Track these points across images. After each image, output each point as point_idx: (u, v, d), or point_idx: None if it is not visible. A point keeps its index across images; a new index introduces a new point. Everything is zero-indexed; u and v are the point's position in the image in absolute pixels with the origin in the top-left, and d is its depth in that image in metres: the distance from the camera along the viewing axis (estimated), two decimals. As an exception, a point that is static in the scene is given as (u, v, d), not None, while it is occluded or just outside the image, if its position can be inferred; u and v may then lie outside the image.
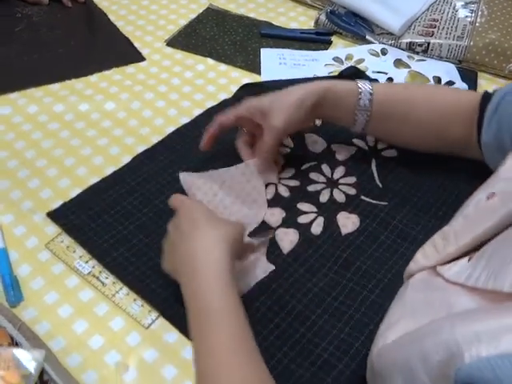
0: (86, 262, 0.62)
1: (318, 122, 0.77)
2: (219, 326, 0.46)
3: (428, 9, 0.97)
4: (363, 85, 0.66)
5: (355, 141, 0.74)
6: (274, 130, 0.65)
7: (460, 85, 0.85)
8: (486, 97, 0.63)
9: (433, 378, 0.34)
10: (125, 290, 0.59)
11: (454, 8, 0.96)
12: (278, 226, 0.65)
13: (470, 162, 0.67)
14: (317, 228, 0.65)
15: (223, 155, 0.72)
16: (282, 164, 0.72)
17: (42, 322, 0.56)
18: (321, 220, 0.66)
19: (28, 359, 0.48)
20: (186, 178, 0.68)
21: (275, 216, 0.66)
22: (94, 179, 0.70)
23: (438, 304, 0.40)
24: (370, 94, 0.65)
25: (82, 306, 0.58)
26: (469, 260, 0.41)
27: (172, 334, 0.56)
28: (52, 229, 0.65)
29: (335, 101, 0.66)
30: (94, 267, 0.61)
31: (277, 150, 0.69)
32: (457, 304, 0.39)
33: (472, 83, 0.87)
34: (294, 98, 0.64)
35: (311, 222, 0.65)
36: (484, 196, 0.43)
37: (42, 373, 0.49)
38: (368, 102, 0.65)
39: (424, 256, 0.47)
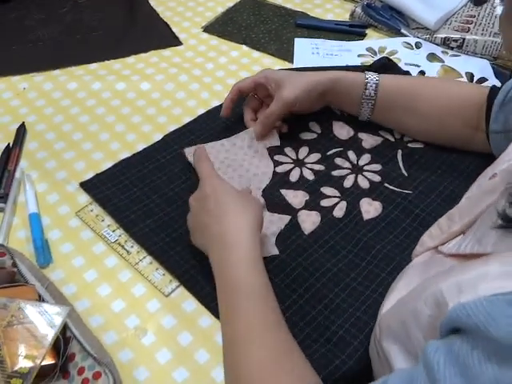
0: (114, 230, 0.64)
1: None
2: (250, 298, 0.49)
3: (466, 4, 0.96)
4: (370, 76, 0.70)
5: (382, 132, 0.74)
6: (282, 100, 0.69)
7: (493, 81, 0.84)
8: (494, 90, 0.66)
9: (426, 333, 0.36)
10: (148, 259, 0.61)
11: (492, 4, 0.95)
12: (301, 208, 0.66)
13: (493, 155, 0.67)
14: (339, 212, 0.66)
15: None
16: (285, 130, 0.75)
17: (68, 283, 0.59)
18: (343, 204, 0.66)
19: (54, 313, 0.50)
20: (191, 151, 0.70)
21: (298, 198, 0.68)
22: (126, 154, 0.73)
23: (433, 273, 0.41)
24: (376, 84, 0.69)
25: (106, 271, 0.60)
26: (463, 234, 0.42)
27: (190, 303, 0.57)
28: (83, 198, 0.68)
29: (343, 90, 0.70)
30: (120, 236, 0.64)
31: (278, 119, 0.73)
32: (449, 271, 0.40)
33: (506, 80, 0.86)
34: (307, 79, 0.70)
35: (334, 206, 0.66)
36: (487, 178, 0.45)
37: (65, 329, 0.52)
38: (373, 92, 0.69)
39: (430, 237, 0.48)
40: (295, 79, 0.70)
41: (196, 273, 0.59)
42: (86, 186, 0.68)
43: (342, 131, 0.75)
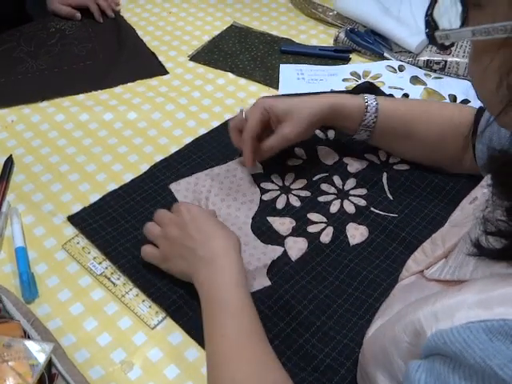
0: (100, 263, 0.64)
1: (331, 136, 0.79)
2: (236, 317, 0.51)
3: (448, 28, 0.98)
4: (370, 102, 0.70)
5: (367, 155, 0.75)
6: (284, 137, 0.69)
7: (476, 102, 0.85)
8: (480, 111, 0.67)
9: (406, 359, 0.37)
10: (134, 291, 0.61)
11: (473, 27, 0.97)
12: (288, 235, 0.67)
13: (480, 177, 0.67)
14: (326, 237, 0.66)
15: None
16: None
17: (54, 318, 0.59)
18: (330, 230, 0.67)
19: (37, 350, 0.50)
20: (175, 187, 0.71)
21: (285, 225, 0.68)
22: (113, 185, 0.73)
23: (414, 299, 0.41)
24: (376, 109, 0.69)
25: (92, 304, 0.60)
26: (445, 259, 0.42)
27: (176, 336, 0.57)
28: (69, 230, 0.68)
29: (343, 116, 0.70)
30: (106, 268, 0.63)
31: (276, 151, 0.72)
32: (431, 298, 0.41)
33: (490, 101, 0.87)
34: (307, 112, 0.68)
35: (321, 232, 0.67)
36: (468, 202, 0.45)
37: (50, 366, 0.52)
38: (372, 121, 0.69)
39: (415, 262, 0.48)
40: (297, 115, 0.68)
41: (183, 303, 0.59)
42: (74, 218, 0.68)
43: (327, 156, 0.75)
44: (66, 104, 0.87)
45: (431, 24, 0.39)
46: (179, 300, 0.59)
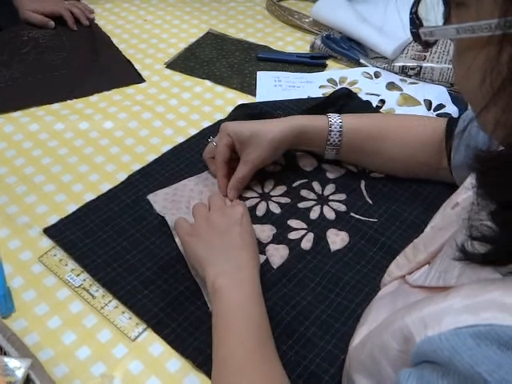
0: (78, 275, 0.63)
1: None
2: (256, 330, 0.52)
3: (421, 34, 0.99)
4: (334, 121, 0.70)
5: (344, 164, 0.75)
6: (251, 163, 0.69)
7: (450, 107, 0.86)
8: (451, 122, 0.67)
9: (396, 367, 0.36)
10: (114, 302, 0.60)
11: None
12: (269, 242, 0.66)
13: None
14: (307, 243, 0.66)
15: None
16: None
17: (31, 332, 0.57)
18: (311, 236, 0.67)
19: (14, 366, 0.49)
20: (153, 198, 0.70)
21: (265, 232, 0.68)
22: (90, 195, 0.72)
23: (400, 305, 0.41)
24: (340, 130, 0.69)
25: (71, 317, 0.59)
26: (429, 264, 0.42)
27: (157, 347, 0.56)
28: (46, 243, 0.66)
29: (308, 138, 0.70)
30: (84, 280, 0.62)
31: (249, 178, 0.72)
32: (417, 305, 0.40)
33: (463, 105, 0.89)
34: (270, 137, 0.68)
35: (301, 238, 0.66)
36: (449, 207, 0.45)
37: (28, 382, 0.50)
38: (337, 139, 0.70)
39: (397, 267, 0.48)
40: (259, 139, 0.68)
41: (165, 316, 0.58)
42: (50, 231, 0.67)
43: (306, 162, 0.75)
44: (41, 113, 0.86)
45: (415, 21, 0.38)
46: (160, 313, 0.58)
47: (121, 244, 0.66)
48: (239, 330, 0.51)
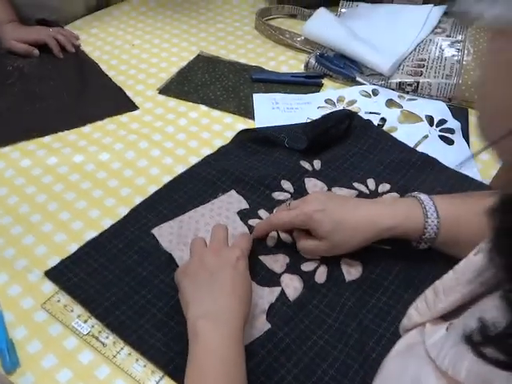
0: (85, 321, 0.59)
1: (318, 166, 0.77)
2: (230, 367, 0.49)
3: (415, 49, 0.99)
4: (430, 220, 0.61)
5: (355, 184, 0.73)
6: (323, 254, 0.64)
7: (452, 122, 0.85)
8: None
9: None
10: (126, 349, 0.57)
11: (440, 47, 0.98)
12: (283, 272, 0.64)
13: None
14: (320, 277, 0.63)
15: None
16: None
17: (40, 388, 0.54)
18: (324, 269, 0.64)
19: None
20: (158, 232, 0.68)
21: (279, 262, 0.65)
22: (91, 233, 0.69)
23: (410, 376, 0.39)
24: (437, 226, 0.61)
25: (81, 369, 0.56)
26: (447, 329, 0.40)
27: (178, 396, 0.53)
28: (48, 287, 0.63)
29: (398, 236, 0.63)
30: (93, 327, 0.59)
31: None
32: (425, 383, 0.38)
33: (464, 120, 0.88)
34: (355, 243, 0.62)
35: (314, 271, 0.64)
36: (473, 252, 0.42)
37: None
38: (433, 233, 0.61)
39: (417, 311, 0.46)
40: (343, 243, 0.61)
41: (181, 361, 0.55)
42: (52, 274, 0.63)
43: (315, 188, 0.73)
44: (31, 147, 0.82)
45: None
46: (176, 357, 0.55)
47: (128, 284, 0.63)
48: (215, 377, 0.48)
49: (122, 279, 0.63)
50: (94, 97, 0.92)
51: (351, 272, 0.64)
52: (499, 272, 0.32)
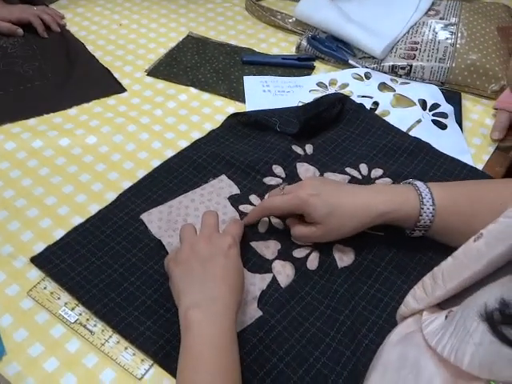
0: (72, 309, 0.58)
1: (309, 151, 0.76)
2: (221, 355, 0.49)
3: (408, 31, 0.97)
4: (426, 207, 0.60)
5: (348, 169, 0.72)
6: (316, 240, 0.63)
7: (445, 106, 0.84)
8: None
9: None
10: (115, 337, 0.56)
11: (433, 30, 0.96)
12: (274, 259, 0.63)
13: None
14: (312, 263, 0.63)
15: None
16: None
17: (26, 377, 0.53)
18: (316, 255, 0.63)
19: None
20: (147, 217, 0.66)
21: (270, 248, 0.64)
22: (78, 219, 0.67)
23: (409, 364, 0.39)
24: (432, 213, 0.60)
25: (69, 357, 0.54)
26: (446, 317, 0.39)
27: (167, 384, 0.52)
28: (34, 274, 0.61)
29: (395, 222, 0.62)
30: (80, 314, 0.58)
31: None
32: (424, 369, 0.38)
33: (456, 104, 0.87)
34: (348, 229, 0.61)
35: (306, 257, 0.63)
36: (472, 238, 0.42)
37: None
38: (428, 221, 0.60)
39: (414, 298, 0.45)
40: (336, 227, 0.60)
41: (171, 349, 0.54)
42: (38, 260, 0.62)
43: (307, 173, 0.72)
44: (16, 130, 0.80)
45: None
46: (166, 345, 0.55)
47: (117, 270, 0.61)
48: (209, 367, 0.48)
49: (110, 266, 0.62)
50: (80, 78, 0.89)
51: (343, 258, 0.63)
52: None
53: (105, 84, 0.89)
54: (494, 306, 0.34)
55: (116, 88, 0.88)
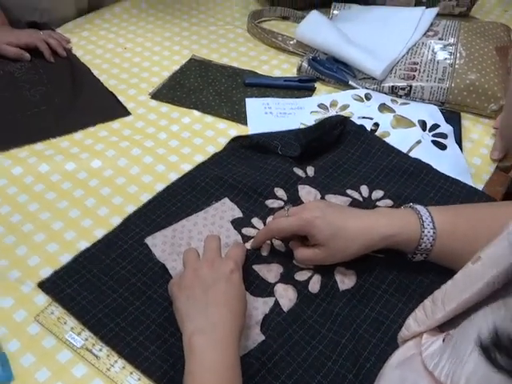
0: (78, 333, 0.59)
1: (311, 173, 0.77)
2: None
3: (408, 52, 0.99)
4: (427, 231, 0.60)
5: (349, 191, 0.73)
6: (319, 262, 0.64)
7: (445, 127, 0.86)
8: None
9: None
10: (120, 362, 0.57)
11: (432, 51, 0.98)
12: (277, 282, 0.64)
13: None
14: (314, 286, 0.64)
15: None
16: None
17: (34, 403, 0.54)
18: (318, 278, 0.64)
19: None
20: (152, 241, 0.68)
21: (273, 272, 0.65)
22: (84, 243, 0.68)
23: None
24: (433, 237, 0.61)
25: (75, 382, 0.55)
26: (443, 340, 0.40)
27: (172, 409, 0.53)
28: (41, 299, 0.62)
29: (396, 246, 0.63)
30: (86, 339, 0.59)
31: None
32: None
33: (456, 124, 0.88)
34: (351, 251, 0.62)
35: (308, 280, 0.64)
36: (471, 261, 0.43)
37: None
38: (429, 245, 0.61)
39: (415, 321, 0.46)
40: (339, 250, 0.61)
41: (176, 374, 0.55)
42: (45, 285, 0.63)
43: (309, 196, 0.73)
44: (23, 155, 0.81)
45: None
46: (170, 370, 0.56)
47: (122, 295, 0.62)
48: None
49: (115, 290, 0.63)
50: (86, 102, 0.91)
51: (345, 281, 0.64)
52: None
53: (110, 108, 0.91)
54: (487, 334, 0.35)
55: (121, 112, 0.90)
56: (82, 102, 0.91)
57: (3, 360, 0.56)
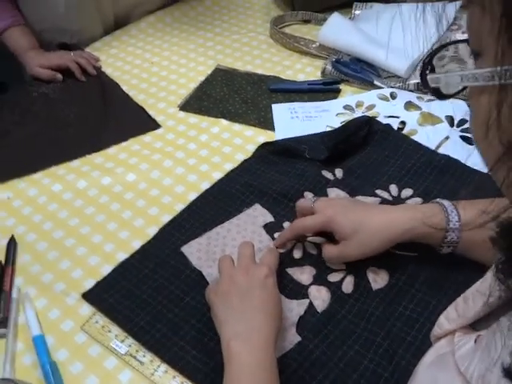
0: (122, 341, 0.62)
1: (339, 175, 0.78)
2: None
3: (431, 48, 0.98)
4: (452, 223, 0.61)
5: (378, 191, 0.74)
6: (347, 259, 0.65)
7: (473, 122, 0.85)
8: None
9: None
10: (163, 367, 0.59)
11: (456, 46, 0.97)
12: (310, 284, 0.65)
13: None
14: (348, 286, 0.65)
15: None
16: None
17: (84, 409, 0.56)
18: (351, 278, 0.65)
19: None
20: (187, 250, 0.70)
21: (306, 274, 0.67)
22: (122, 254, 0.71)
23: None
24: (458, 233, 0.61)
25: (122, 388, 0.58)
26: (475, 341, 0.40)
27: (215, 411, 0.55)
28: (86, 309, 0.65)
29: (419, 239, 0.63)
30: (130, 346, 0.61)
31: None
32: None
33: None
34: (375, 244, 0.63)
35: (341, 281, 0.65)
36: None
37: None
38: (456, 237, 0.61)
39: (447, 319, 0.46)
40: (362, 242, 0.62)
41: (217, 377, 0.57)
42: (88, 296, 0.66)
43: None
44: (61, 172, 0.85)
45: (426, 66, 0.38)
46: (211, 373, 0.57)
47: (161, 303, 0.65)
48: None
49: (155, 298, 0.65)
50: (117, 118, 0.94)
51: (377, 280, 0.65)
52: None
53: (140, 122, 0.94)
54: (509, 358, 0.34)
55: (151, 125, 0.93)
56: (114, 117, 0.95)
57: (54, 369, 0.59)
